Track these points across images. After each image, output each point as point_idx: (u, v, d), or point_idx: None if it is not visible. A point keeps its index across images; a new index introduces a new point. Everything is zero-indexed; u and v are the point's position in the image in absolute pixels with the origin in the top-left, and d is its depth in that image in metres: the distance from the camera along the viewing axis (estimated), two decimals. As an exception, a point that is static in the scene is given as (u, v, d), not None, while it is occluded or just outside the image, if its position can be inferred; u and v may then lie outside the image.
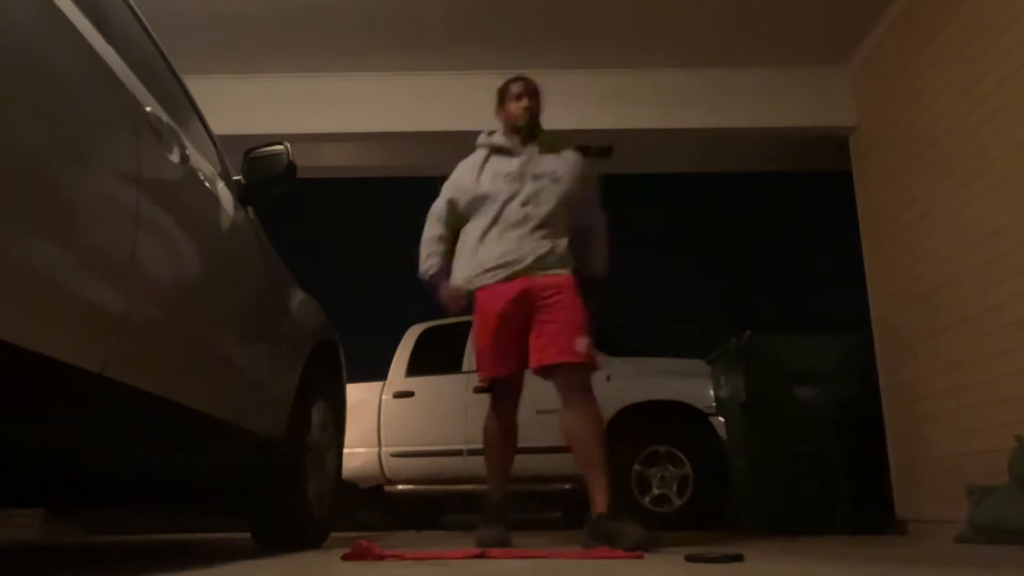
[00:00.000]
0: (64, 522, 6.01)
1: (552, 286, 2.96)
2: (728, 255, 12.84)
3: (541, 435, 5.05)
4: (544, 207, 3.04)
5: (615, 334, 6.18)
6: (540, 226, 3.02)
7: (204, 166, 2.31)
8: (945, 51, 3.94)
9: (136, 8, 2.24)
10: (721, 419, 5.00)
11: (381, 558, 2.28)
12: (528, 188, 3.06)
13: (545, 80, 3.09)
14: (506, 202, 3.04)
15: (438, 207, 3.26)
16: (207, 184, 2.27)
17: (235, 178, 2.66)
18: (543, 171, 3.09)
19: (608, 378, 5.52)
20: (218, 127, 2.76)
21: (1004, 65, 3.47)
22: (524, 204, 3.03)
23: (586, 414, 2.96)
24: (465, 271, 3.09)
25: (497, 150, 3.19)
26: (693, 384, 5.33)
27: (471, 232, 3.11)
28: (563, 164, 3.14)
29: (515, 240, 3.00)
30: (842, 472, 4.29)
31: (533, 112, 3.20)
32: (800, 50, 4.86)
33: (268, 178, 2.65)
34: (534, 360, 2.96)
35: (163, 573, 1.91)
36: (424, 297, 2.98)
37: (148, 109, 1.90)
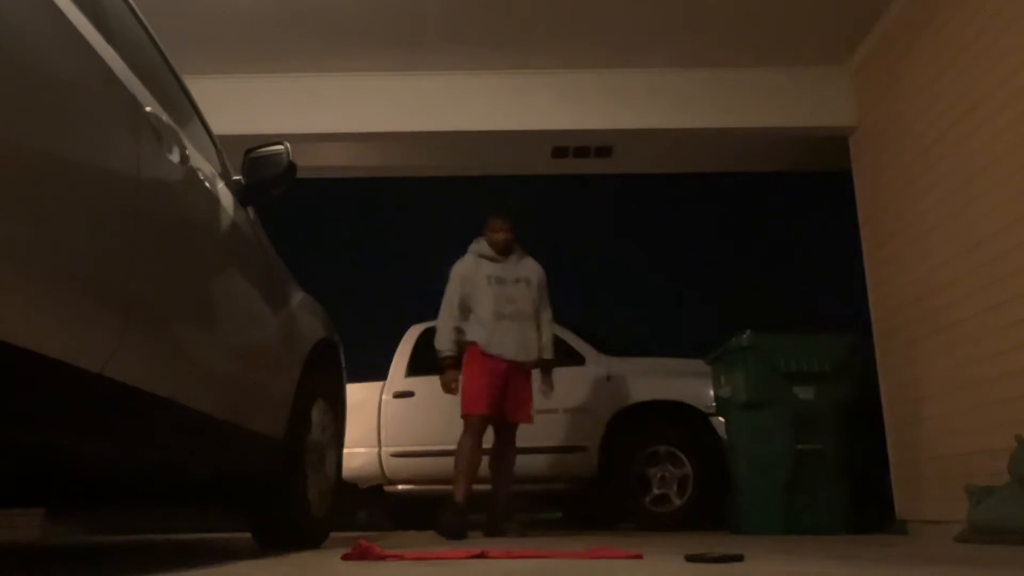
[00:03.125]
0: (64, 522, 6.01)
1: (523, 369, 4.33)
2: (728, 255, 12.84)
3: (541, 435, 5.06)
4: (524, 303, 4.34)
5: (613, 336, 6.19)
6: (523, 318, 4.32)
7: (204, 166, 2.31)
8: (945, 51, 3.94)
9: (136, 8, 2.24)
10: (721, 419, 5.00)
11: (381, 558, 2.28)
12: (510, 288, 4.33)
13: (545, 80, 3.11)
14: (497, 298, 4.28)
15: (453, 301, 4.35)
16: (207, 184, 2.27)
17: (235, 178, 2.66)
18: (520, 276, 4.39)
19: (608, 378, 5.53)
20: (218, 127, 2.75)
21: (1004, 65, 3.47)
22: (511, 301, 4.30)
23: (514, 452, 4.44)
24: (476, 337, 4.29)
25: (486, 258, 4.39)
26: (693, 384, 5.33)
27: (476, 316, 4.31)
28: (530, 270, 4.45)
29: (505, 329, 4.25)
30: (842, 472, 4.30)
31: (508, 240, 4.41)
32: (800, 50, 4.86)
33: (268, 178, 2.64)
34: (509, 416, 4.31)
35: (163, 573, 1.91)
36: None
37: (148, 109, 1.90)
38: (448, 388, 4.38)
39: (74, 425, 1.66)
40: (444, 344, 4.35)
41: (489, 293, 4.29)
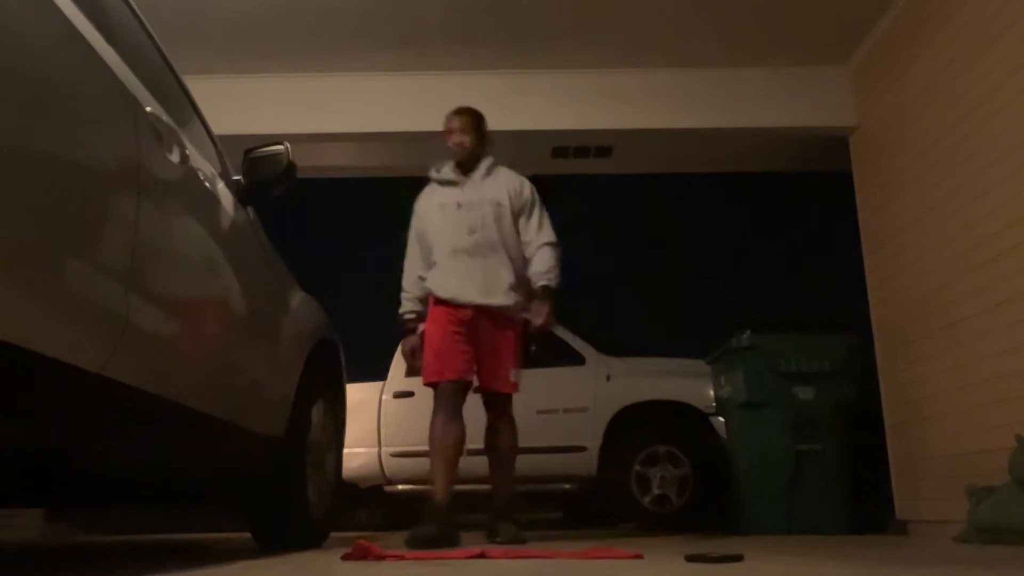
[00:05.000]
0: (64, 522, 6.01)
1: (494, 320, 3.27)
2: (728, 255, 12.83)
3: (541, 435, 5.06)
4: (490, 231, 3.28)
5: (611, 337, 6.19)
6: (490, 250, 3.27)
7: (204, 166, 2.31)
8: (945, 51, 3.94)
9: (136, 8, 2.24)
10: (721, 419, 5.00)
11: (381, 558, 2.28)
12: (471, 214, 3.29)
13: (545, 80, 3.11)
14: (453, 228, 3.28)
15: (412, 246, 3.43)
16: (207, 184, 2.27)
17: (235, 178, 2.66)
18: (484, 196, 3.33)
19: (608, 378, 5.53)
20: (218, 127, 2.75)
21: (1004, 65, 3.47)
22: (472, 230, 3.27)
23: (510, 434, 3.36)
24: (430, 283, 3.34)
25: (443, 183, 3.42)
26: (693, 384, 5.33)
27: (429, 256, 3.37)
28: (501, 187, 3.38)
29: (462, 267, 3.25)
30: (842, 472, 4.30)
31: (464, 146, 3.38)
32: (800, 50, 4.86)
33: (268, 178, 2.65)
34: (481, 384, 3.31)
35: (163, 573, 1.91)
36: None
37: (148, 109, 1.90)
38: (407, 357, 3.45)
39: (74, 425, 1.66)
40: (405, 300, 3.43)
41: (442, 224, 3.32)
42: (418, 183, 3.61)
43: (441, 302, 3.27)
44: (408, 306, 3.41)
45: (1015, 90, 3.39)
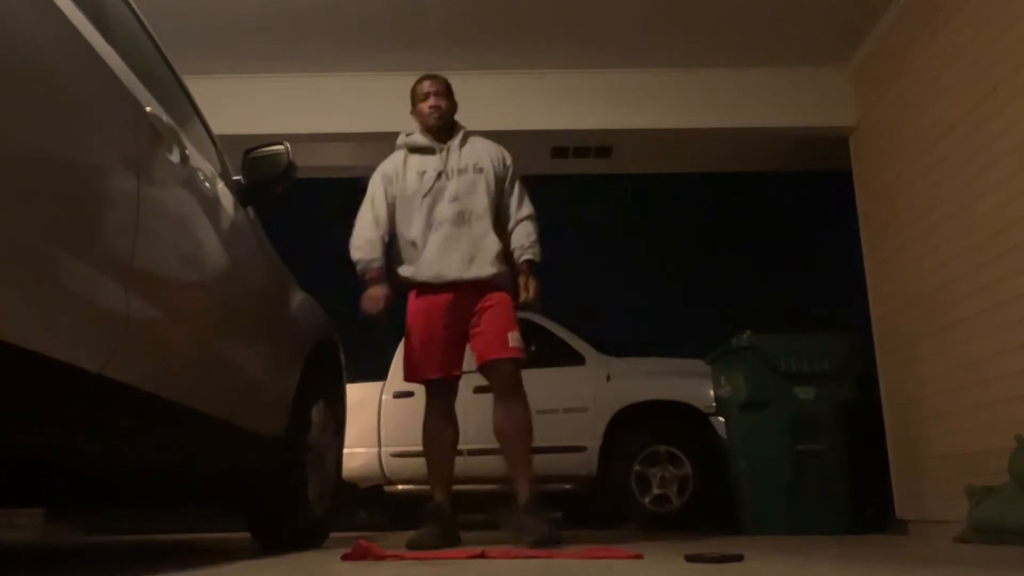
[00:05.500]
0: (64, 522, 6.01)
1: (482, 292, 2.98)
2: (728, 255, 12.83)
3: (541, 435, 5.05)
4: (473, 200, 3.01)
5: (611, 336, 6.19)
6: (473, 219, 2.99)
7: (204, 166, 2.31)
8: (945, 51, 3.94)
9: (136, 8, 2.24)
10: (721, 419, 5.00)
11: (381, 558, 2.28)
12: (451, 183, 3.03)
13: (545, 80, 3.10)
14: (432, 198, 3.00)
15: (372, 199, 3.12)
16: (207, 184, 2.27)
17: (235, 178, 2.66)
18: (466, 163, 3.07)
19: (608, 378, 5.53)
20: (218, 127, 2.75)
21: (1004, 65, 3.47)
22: (454, 200, 3.00)
23: (521, 413, 2.97)
24: (407, 266, 3.04)
25: (416, 150, 3.14)
26: (693, 384, 5.33)
27: (405, 237, 3.05)
28: (483, 154, 3.12)
29: (444, 239, 2.96)
30: (842, 472, 4.30)
31: (443, 111, 3.15)
32: (800, 50, 4.86)
33: (268, 178, 2.65)
34: (483, 353, 2.96)
35: (163, 573, 1.91)
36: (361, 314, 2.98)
37: (148, 109, 1.90)
38: (370, 308, 2.97)
39: (74, 425, 1.66)
40: (360, 250, 3.04)
41: (419, 194, 3.01)
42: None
43: (421, 291, 3.01)
44: (366, 258, 3.01)
45: (1015, 90, 3.39)
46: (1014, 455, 3.13)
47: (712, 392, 5.01)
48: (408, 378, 3.06)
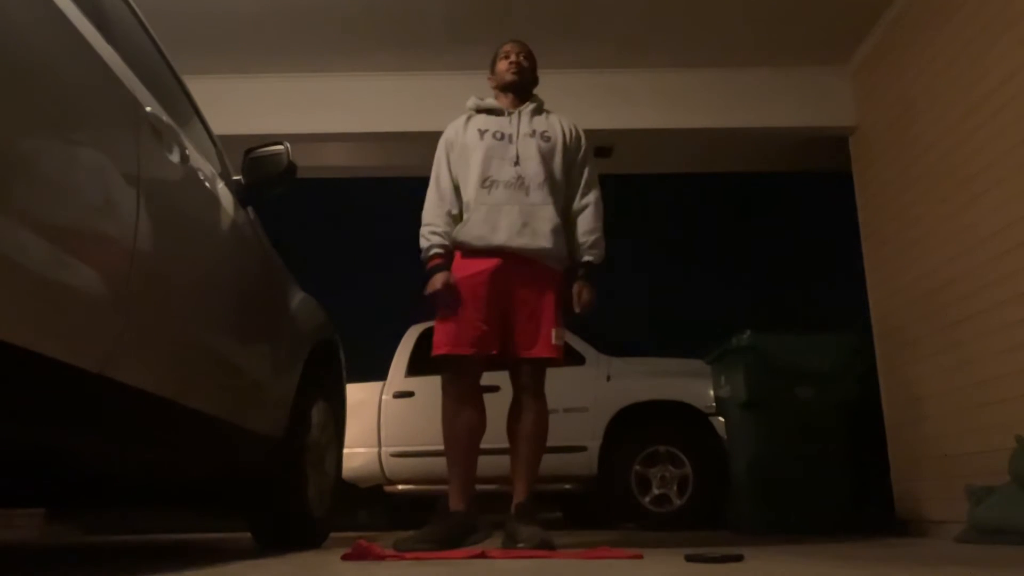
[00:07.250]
0: (64, 522, 6.01)
1: (532, 268, 2.75)
2: (728, 255, 12.83)
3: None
4: (535, 166, 2.78)
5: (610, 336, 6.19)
6: (532, 187, 2.76)
7: (204, 166, 2.31)
8: (945, 51, 3.94)
9: (136, 8, 2.24)
10: (721, 419, 5.00)
11: (381, 558, 2.28)
12: (515, 145, 2.81)
13: (545, 80, 3.09)
14: (489, 156, 2.78)
15: (438, 177, 2.88)
16: (207, 184, 2.27)
17: (235, 178, 2.66)
18: (536, 128, 2.86)
19: (608, 378, 5.53)
20: (218, 127, 2.76)
21: (1004, 65, 3.47)
22: (515, 163, 2.78)
23: (541, 417, 2.81)
24: (457, 228, 2.80)
25: (484, 111, 2.93)
26: (693, 384, 5.33)
27: (463, 195, 2.83)
28: (556, 125, 2.92)
29: (496, 201, 2.73)
30: (842, 472, 4.30)
31: (523, 69, 2.94)
32: (800, 50, 4.86)
33: (268, 178, 2.65)
34: (516, 348, 2.73)
35: (163, 573, 1.91)
36: (425, 297, 2.88)
37: (148, 109, 1.90)
38: (439, 299, 2.72)
39: (74, 425, 1.66)
40: (423, 238, 2.82)
41: (478, 151, 2.80)
42: (417, 183, 3.59)
43: (465, 254, 2.76)
44: (434, 240, 2.77)
45: (1015, 90, 3.39)
46: (1014, 455, 3.12)
47: (712, 392, 5.01)
48: (437, 350, 2.73)
